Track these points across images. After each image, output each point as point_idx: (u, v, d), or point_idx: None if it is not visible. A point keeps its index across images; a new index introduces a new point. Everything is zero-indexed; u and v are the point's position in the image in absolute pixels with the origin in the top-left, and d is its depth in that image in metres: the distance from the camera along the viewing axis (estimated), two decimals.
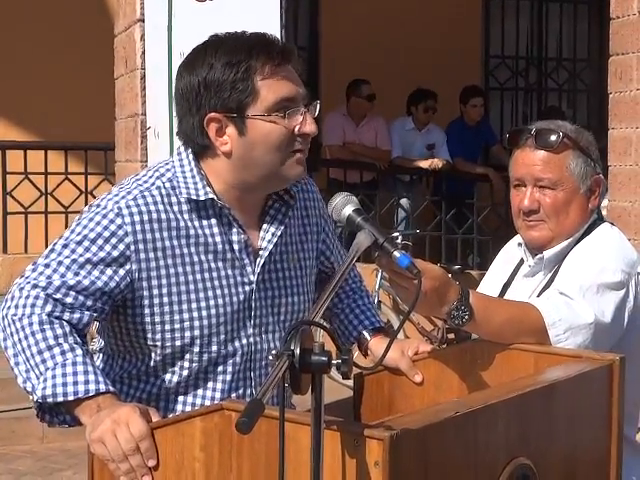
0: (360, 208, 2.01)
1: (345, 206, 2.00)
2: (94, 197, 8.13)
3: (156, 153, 5.27)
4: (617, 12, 6.23)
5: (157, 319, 2.11)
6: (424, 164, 8.50)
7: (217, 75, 2.08)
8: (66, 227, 7.36)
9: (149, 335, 2.13)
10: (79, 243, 2.07)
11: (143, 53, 5.42)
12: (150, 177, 2.16)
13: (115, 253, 2.06)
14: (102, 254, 2.06)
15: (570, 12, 10.64)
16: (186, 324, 2.12)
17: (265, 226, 2.22)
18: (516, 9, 10.44)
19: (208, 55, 2.11)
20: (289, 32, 8.55)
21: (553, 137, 2.46)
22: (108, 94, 6.22)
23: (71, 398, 1.94)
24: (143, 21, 5.41)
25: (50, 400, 1.95)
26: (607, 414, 2.12)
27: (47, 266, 2.06)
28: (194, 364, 2.15)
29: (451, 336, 7.35)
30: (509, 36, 10.45)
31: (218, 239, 2.15)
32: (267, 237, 2.21)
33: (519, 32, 10.49)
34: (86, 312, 2.05)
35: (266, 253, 2.20)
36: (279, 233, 2.22)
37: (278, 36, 4.82)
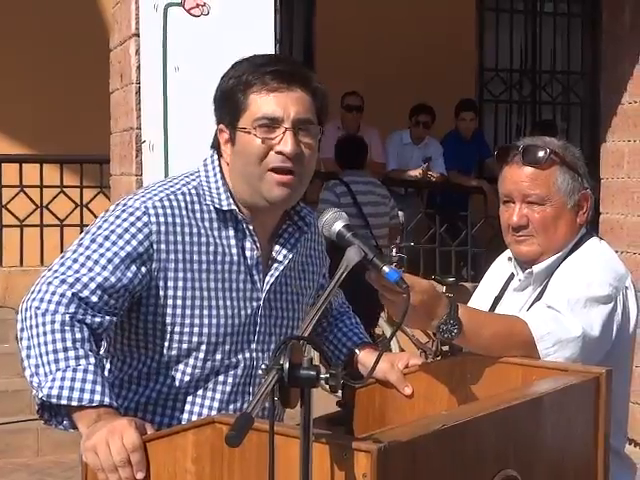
0: (350, 224, 2.04)
1: (335, 222, 2.04)
2: (89, 210, 8.16)
3: (151, 167, 5.29)
4: (610, 26, 6.29)
5: (168, 320, 2.16)
6: (414, 172, 8.49)
7: (224, 88, 2.20)
8: (62, 240, 7.31)
9: (157, 334, 2.17)
10: (107, 238, 2.12)
11: (138, 67, 5.44)
12: (176, 183, 2.23)
13: (141, 249, 2.12)
14: (129, 248, 2.11)
15: (564, 25, 10.70)
16: (195, 329, 2.17)
17: (277, 247, 2.27)
18: (510, 22, 10.48)
19: (227, 71, 2.22)
20: (283, 46, 8.63)
21: (540, 153, 2.48)
22: (103, 108, 6.24)
23: (74, 403, 1.97)
24: (138, 36, 5.43)
25: (54, 400, 1.98)
26: (594, 426, 2.14)
27: (75, 260, 2.10)
28: (196, 370, 2.19)
29: (445, 348, 7.37)
30: (503, 49, 10.49)
31: (234, 251, 2.20)
32: (279, 258, 2.26)
33: (513, 45, 10.53)
34: (106, 316, 2.08)
35: (276, 273, 2.25)
36: (290, 256, 2.27)
37: (272, 51, 4.86)
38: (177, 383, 2.19)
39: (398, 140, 8.76)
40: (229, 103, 2.18)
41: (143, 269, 2.12)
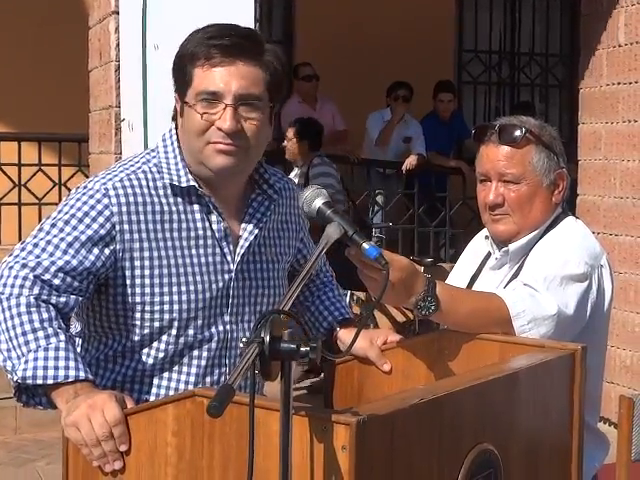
0: (330, 201, 2.05)
1: (315, 199, 2.04)
2: (68, 189, 8.12)
3: (130, 145, 5.28)
4: (587, 8, 6.32)
5: (137, 299, 2.16)
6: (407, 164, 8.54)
7: (176, 59, 2.21)
8: (40, 219, 7.33)
9: (129, 314, 2.17)
10: (67, 222, 2.12)
11: (118, 45, 5.43)
12: (137, 162, 2.23)
13: (102, 231, 2.12)
14: (90, 232, 2.11)
15: (543, 7, 10.73)
16: (166, 306, 2.17)
17: (247, 218, 2.28)
18: (489, 3, 10.51)
19: (184, 41, 2.22)
20: (263, 26, 8.61)
21: (516, 133, 2.51)
22: (82, 86, 6.23)
23: (50, 382, 1.98)
24: (118, 13, 5.42)
25: (29, 382, 1.99)
26: (569, 401, 2.18)
27: (36, 245, 2.10)
28: (170, 346, 2.20)
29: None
30: (482, 30, 10.51)
31: (200, 225, 2.21)
32: (249, 228, 2.27)
33: (492, 26, 10.56)
34: (72, 296, 2.09)
35: (246, 243, 2.25)
36: (260, 225, 2.28)
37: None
38: (152, 360, 2.21)
39: (379, 119, 8.78)
40: (179, 75, 2.19)
41: (106, 251, 2.12)
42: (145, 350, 2.20)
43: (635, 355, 5.93)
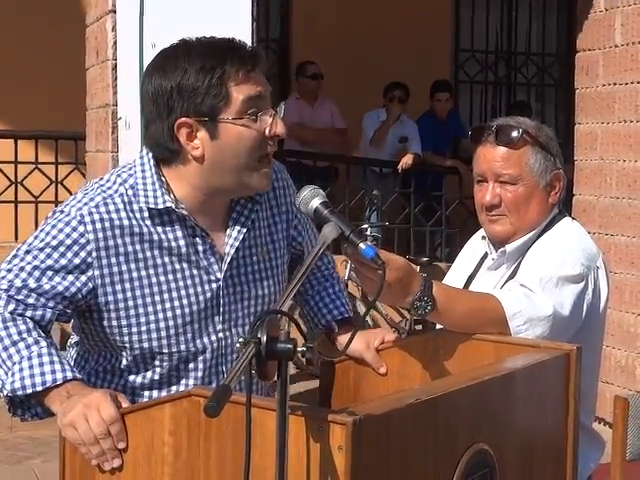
0: (327, 201, 2.05)
1: (312, 199, 2.04)
2: (64, 187, 8.14)
3: (127, 144, 5.29)
4: (584, 9, 6.32)
5: (123, 322, 2.15)
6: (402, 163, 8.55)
7: (191, 80, 2.09)
8: (36, 216, 7.32)
9: (117, 338, 2.16)
10: (41, 250, 2.10)
11: (115, 44, 5.44)
12: (113, 183, 2.18)
13: (77, 260, 2.10)
14: (64, 261, 2.09)
15: (539, 7, 10.74)
16: (152, 326, 2.16)
17: (231, 223, 2.24)
18: (486, 3, 10.51)
19: (180, 60, 2.11)
20: (260, 25, 8.61)
21: (513, 133, 2.51)
22: (79, 84, 6.23)
23: (40, 389, 1.98)
24: (115, 12, 5.43)
25: (20, 393, 1.99)
26: (564, 402, 2.18)
27: (9, 271, 2.09)
28: (165, 363, 2.19)
29: (419, 328, 7.42)
30: (479, 30, 10.52)
31: (182, 242, 2.17)
32: (234, 234, 2.23)
33: (489, 26, 10.57)
34: (48, 310, 2.08)
35: (232, 250, 2.22)
36: (244, 230, 2.24)
37: (249, 29, 4.86)
38: (150, 374, 2.20)
39: (375, 118, 8.79)
40: (201, 97, 2.08)
41: (82, 278, 2.10)
42: (141, 367, 2.20)
43: (630, 355, 5.94)
